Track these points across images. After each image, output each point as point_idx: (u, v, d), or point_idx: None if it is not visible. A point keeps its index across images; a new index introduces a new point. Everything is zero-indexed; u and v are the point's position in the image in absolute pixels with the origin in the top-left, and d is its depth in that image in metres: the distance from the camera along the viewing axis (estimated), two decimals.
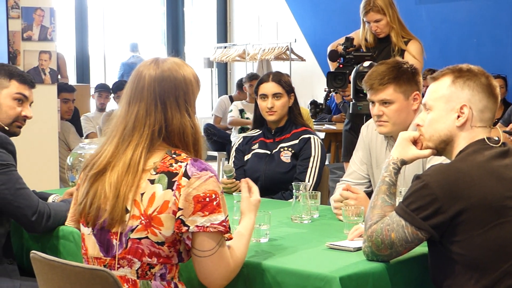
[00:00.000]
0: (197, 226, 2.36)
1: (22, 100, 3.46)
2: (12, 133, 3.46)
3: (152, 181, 2.40)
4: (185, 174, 2.38)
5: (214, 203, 2.38)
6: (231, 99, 10.15)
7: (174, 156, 2.44)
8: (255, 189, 2.77)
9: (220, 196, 2.41)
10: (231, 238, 2.46)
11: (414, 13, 9.95)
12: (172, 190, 2.37)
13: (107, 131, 2.55)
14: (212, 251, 2.40)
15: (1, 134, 3.31)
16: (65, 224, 2.72)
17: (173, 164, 2.41)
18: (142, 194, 2.39)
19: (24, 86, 3.47)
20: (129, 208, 2.40)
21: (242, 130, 8.86)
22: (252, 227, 2.66)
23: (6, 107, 3.42)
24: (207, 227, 2.37)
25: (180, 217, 2.37)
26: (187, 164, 2.40)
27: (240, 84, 10.19)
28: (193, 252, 2.42)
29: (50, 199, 3.60)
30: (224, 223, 2.39)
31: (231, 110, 9.09)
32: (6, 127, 3.43)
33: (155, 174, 2.40)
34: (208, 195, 2.37)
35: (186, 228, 2.36)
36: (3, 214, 3.31)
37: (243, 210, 2.69)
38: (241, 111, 9.02)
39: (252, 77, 9.28)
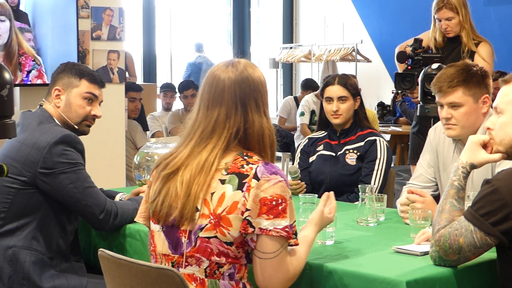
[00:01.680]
0: (260, 228, 2.37)
1: (92, 99, 3.51)
2: (81, 132, 3.51)
3: (222, 181, 2.41)
4: (255, 176, 2.38)
5: (280, 207, 2.38)
6: (296, 100, 10.14)
7: (245, 158, 2.45)
8: (333, 207, 2.75)
9: (287, 201, 2.40)
10: (297, 244, 2.45)
11: (482, 14, 9.81)
12: (242, 191, 2.38)
13: (183, 133, 2.57)
14: (273, 255, 2.39)
15: (70, 133, 3.35)
16: (134, 220, 2.74)
17: (244, 166, 2.42)
18: (212, 194, 2.41)
19: (94, 85, 3.51)
20: (199, 207, 2.41)
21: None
22: (313, 240, 2.63)
23: (76, 106, 3.47)
24: (269, 230, 2.37)
25: (247, 218, 2.37)
26: (258, 166, 2.40)
27: (304, 85, 10.17)
28: (254, 253, 2.42)
29: (117, 198, 3.64)
30: (287, 229, 2.38)
31: (302, 113, 9.02)
32: (75, 126, 3.48)
33: (226, 175, 2.42)
34: (275, 198, 2.37)
35: (252, 229, 2.37)
36: (72, 212, 3.36)
37: (312, 220, 2.67)
38: (313, 113, 8.97)
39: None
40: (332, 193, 2.79)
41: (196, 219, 2.41)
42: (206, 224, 2.40)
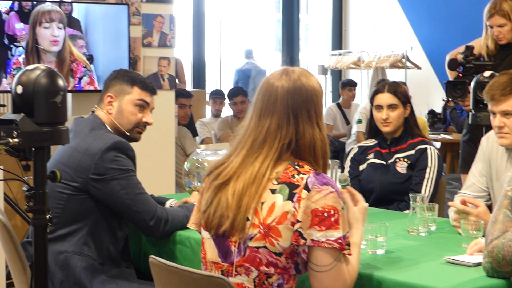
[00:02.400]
0: (312, 240, 2.35)
1: (143, 106, 3.53)
2: (132, 139, 3.54)
3: (273, 191, 2.40)
4: (306, 187, 2.36)
5: (332, 219, 2.35)
6: (339, 106, 10.10)
7: (297, 167, 2.43)
8: (359, 196, 2.70)
9: (339, 212, 2.37)
10: (350, 255, 2.43)
11: None
12: (292, 201, 2.36)
13: (234, 141, 2.57)
14: (329, 267, 2.37)
15: (121, 139, 3.38)
16: (187, 226, 2.75)
17: (295, 176, 2.40)
18: (262, 203, 2.40)
19: (146, 92, 3.54)
20: (249, 217, 2.40)
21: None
22: (361, 238, 2.60)
23: (127, 113, 3.50)
24: (322, 242, 2.34)
25: (298, 229, 2.35)
26: (309, 176, 2.38)
27: (342, 86, 10.20)
28: (309, 266, 2.40)
29: (167, 204, 3.66)
30: (340, 240, 2.36)
31: (360, 121, 8.97)
32: (127, 133, 3.51)
33: (277, 184, 2.40)
34: (327, 210, 2.35)
35: (304, 241, 2.35)
36: (122, 218, 3.39)
37: (350, 221, 2.59)
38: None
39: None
40: (349, 187, 2.73)
41: (245, 229, 2.41)
42: (256, 234, 2.39)
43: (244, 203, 2.41)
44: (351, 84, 10.31)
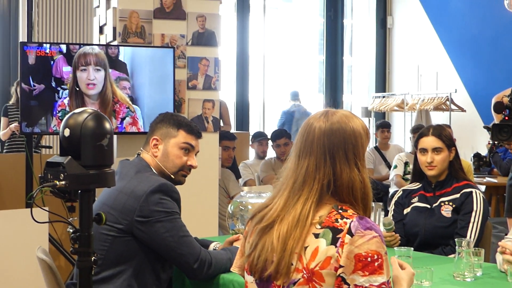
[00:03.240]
0: (356, 285, 2.32)
1: (188, 149, 3.56)
2: (177, 182, 3.56)
3: (316, 235, 2.39)
4: (349, 231, 2.35)
5: (376, 264, 2.33)
6: (377, 149, 10.06)
7: (340, 211, 2.42)
8: (407, 264, 2.64)
9: (383, 257, 2.34)
10: None
11: None
12: (336, 246, 2.35)
13: (277, 183, 2.57)
14: None
15: (166, 182, 3.40)
16: (230, 270, 2.74)
17: (339, 220, 2.39)
18: (306, 248, 2.39)
19: (191, 136, 3.57)
20: (293, 261, 2.40)
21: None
22: None
23: (173, 156, 3.53)
24: (365, 287, 2.33)
25: (341, 275, 2.34)
26: (352, 221, 2.37)
27: (376, 128, 10.16)
28: None
29: (211, 247, 3.67)
30: (383, 286, 2.33)
31: (395, 166, 8.93)
32: (172, 176, 3.54)
33: (320, 228, 2.39)
34: (370, 255, 2.33)
35: (347, 286, 2.33)
36: (166, 260, 3.40)
37: (396, 280, 2.52)
38: (406, 164, 8.88)
39: (416, 129, 9.16)
40: (394, 257, 2.69)
41: (289, 274, 2.40)
42: (299, 279, 2.37)
43: (289, 246, 2.40)
44: (384, 126, 10.26)
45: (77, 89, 5.43)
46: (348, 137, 2.48)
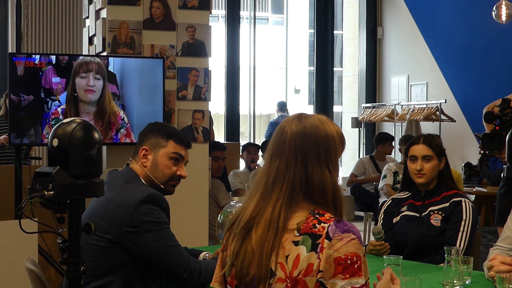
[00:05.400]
0: None
1: (178, 159, 3.56)
2: (166, 192, 3.56)
3: (296, 243, 2.38)
4: (327, 236, 2.34)
5: (356, 266, 2.32)
6: (372, 159, 10.05)
7: (317, 216, 2.41)
8: (397, 281, 2.66)
9: (362, 259, 2.34)
10: None
11: None
12: (316, 252, 2.34)
13: (251, 186, 2.56)
14: None
15: (155, 192, 3.41)
16: (211, 285, 2.73)
17: (316, 225, 2.38)
18: (287, 257, 2.38)
19: (181, 146, 3.57)
20: (274, 270, 2.39)
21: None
22: None
23: (162, 166, 3.54)
24: None
25: (319, 280, 2.33)
26: (329, 225, 2.36)
27: (377, 140, 10.06)
28: None
29: (201, 257, 3.66)
30: (364, 287, 2.35)
31: (385, 176, 8.94)
32: (161, 186, 3.54)
33: (299, 236, 2.38)
34: (350, 257, 2.32)
35: None
36: (156, 270, 3.39)
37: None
38: (395, 174, 8.88)
39: (404, 140, 9.15)
40: (389, 269, 2.71)
41: (272, 284, 2.39)
42: None
43: (264, 249, 2.39)
44: (390, 139, 10.13)
45: (75, 95, 5.43)
46: (321, 139, 2.48)
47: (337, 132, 2.53)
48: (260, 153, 8.84)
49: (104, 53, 5.78)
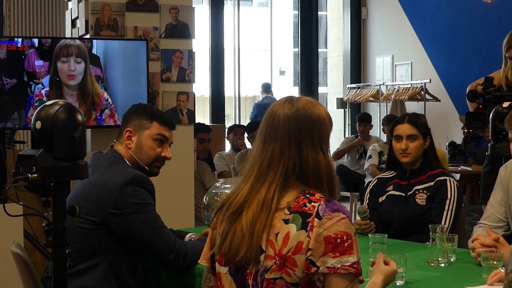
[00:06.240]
0: (327, 267, 2.33)
1: (162, 141, 3.56)
2: (151, 173, 3.56)
3: (286, 221, 2.40)
4: (317, 215, 2.36)
5: (346, 244, 2.34)
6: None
7: (308, 196, 2.43)
8: (392, 262, 2.68)
9: (353, 238, 2.36)
10: (362, 281, 2.41)
11: None
12: (306, 231, 2.36)
13: (243, 171, 2.57)
14: None
15: (140, 174, 3.40)
16: (198, 262, 2.75)
17: (307, 204, 2.40)
18: (276, 234, 2.39)
19: (165, 127, 3.56)
20: (264, 247, 2.40)
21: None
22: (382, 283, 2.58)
23: (146, 147, 3.53)
24: (337, 268, 2.32)
25: (309, 258, 2.34)
26: (320, 204, 2.39)
27: (359, 119, 10.10)
28: None
29: (186, 238, 3.67)
30: (355, 265, 2.34)
31: (370, 156, 8.96)
32: (146, 167, 3.53)
33: (289, 214, 2.40)
34: (339, 236, 2.34)
35: (315, 268, 2.34)
36: (142, 252, 3.39)
37: (380, 270, 2.60)
38: (380, 154, 8.90)
39: (391, 119, 9.16)
40: (381, 254, 2.73)
41: (261, 261, 2.40)
42: (272, 265, 2.38)
43: (256, 230, 2.41)
44: (361, 120, 10.15)
45: (57, 79, 5.41)
46: (314, 122, 2.50)
47: (327, 114, 2.56)
48: (246, 134, 8.84)
49: (87, 36, 5.75)
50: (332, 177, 2.51)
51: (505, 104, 4.31)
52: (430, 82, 11.13)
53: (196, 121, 6.87)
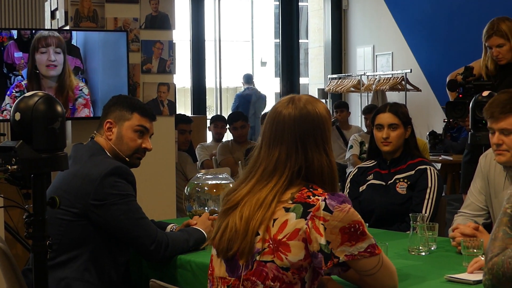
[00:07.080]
0: (346, 255, 2.42)
1: (143, 132, 3.55)
2: (131, 165, 3.55)
3: (287, 209, 2.46)
4: (326, 208, 2.42)
5: (359, 232, 2.44)
6: (338, 129, 10.10)
7: (311, 189, 2.49)
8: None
9: (363, 224, 2.47)
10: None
11: None
12: (306, 219, 2.42)
13: (245, 170, 2.63)
14: (378, 266, 2.49)
15: (121, 165, 3.39)
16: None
17: (311, 197, 2.46)
18: (274, 220, 2.45)
19: (145, 118, 3.56)
20: (260, 232, 2.46)
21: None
22: None
23: (127, 138, 3.52)
24: (355, 255, 2.43)
25: (330, 251, 2.41)
26: (325, 198, 2.44)
27: (335, 106, 10.17)
28: (361, 274, 2.51)
29: (168, 229, 3.66)
30: (369, 248, 2.45)
31: (351, 146, 8.99)
32: (126, 159, 3.53)
33: (292, 204, 2.46)
34: (352, 225, 2.43)
35: (337, 259, 2.41)
36: (123, 243, 3.39)
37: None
38: (362, 144, 8.93)
39: (371, 109, 9.20)
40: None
41: (255, 242, 2.46)
42: (265, 248, 2.44)
43: (251, 227, 2.47)
44: (338, 106, 10.33)
45: (36, 72, 5.38)
46: (317, 123, 2.56)
47: (326, 110, 2.62)
48: (227, 126, 8.83)
49: (67, 27, 5.72)
50: (334, 177, 2.57)
51: (485, 93, 4.33)
52: (410, 72, 11.16)
53: (177, 112, 6.86)
